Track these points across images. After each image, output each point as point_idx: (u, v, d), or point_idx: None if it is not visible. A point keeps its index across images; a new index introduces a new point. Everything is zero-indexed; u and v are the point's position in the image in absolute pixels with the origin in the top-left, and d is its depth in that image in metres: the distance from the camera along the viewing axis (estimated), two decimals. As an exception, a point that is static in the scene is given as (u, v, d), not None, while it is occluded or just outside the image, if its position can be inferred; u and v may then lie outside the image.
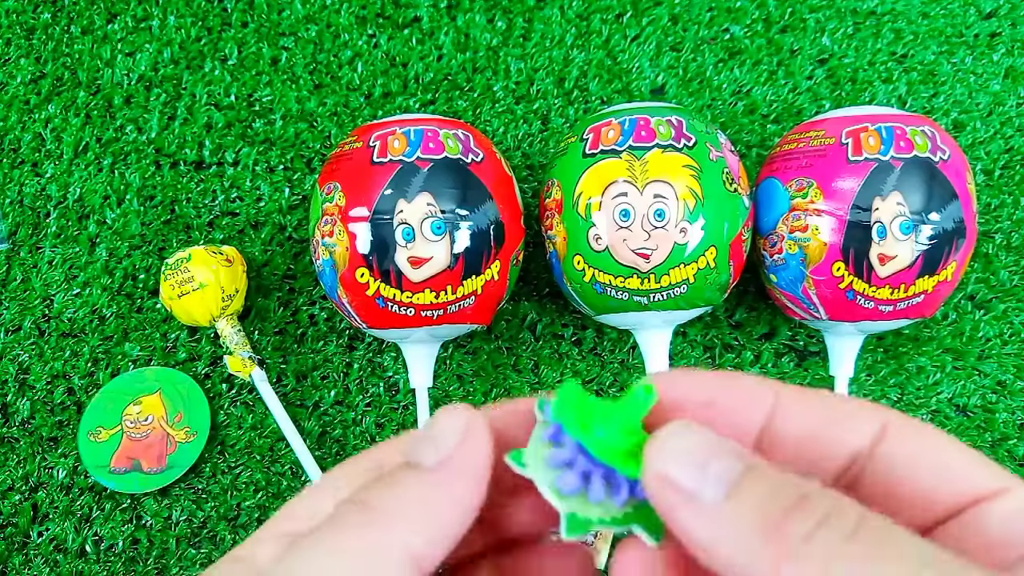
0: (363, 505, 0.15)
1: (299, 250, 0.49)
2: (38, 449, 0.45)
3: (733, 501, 0.13)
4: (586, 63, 0.52)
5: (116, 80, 0.52)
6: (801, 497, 0.13)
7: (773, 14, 0.53)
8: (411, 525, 0.14)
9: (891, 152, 0.38)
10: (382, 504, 0.15)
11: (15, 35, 0.53)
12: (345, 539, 0.14)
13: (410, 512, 0.15)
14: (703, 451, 0.14)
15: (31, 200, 0.50)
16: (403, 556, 0.14)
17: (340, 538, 0.14)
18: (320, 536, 0.14)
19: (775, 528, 0.13)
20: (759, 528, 0.13)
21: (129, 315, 0.48)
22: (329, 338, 0.48)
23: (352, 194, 0.39)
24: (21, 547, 0.44)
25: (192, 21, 0.53)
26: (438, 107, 0.52)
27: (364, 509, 0.15)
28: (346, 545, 0.14)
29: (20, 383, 0.47)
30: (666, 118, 0.39)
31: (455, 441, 0.15)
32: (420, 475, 0.15)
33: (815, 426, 0.16)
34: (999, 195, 0.50)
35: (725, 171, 0.39)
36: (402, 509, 0.15)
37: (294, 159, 0.51)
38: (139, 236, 0.49)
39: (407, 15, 0.53)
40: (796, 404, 0.16)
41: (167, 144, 0.51)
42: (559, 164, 0.41)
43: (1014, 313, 0.48)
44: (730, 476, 0.14)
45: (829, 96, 0.52)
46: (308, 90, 0.52)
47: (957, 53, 0.52)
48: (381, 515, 0.14)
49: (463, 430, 0.16)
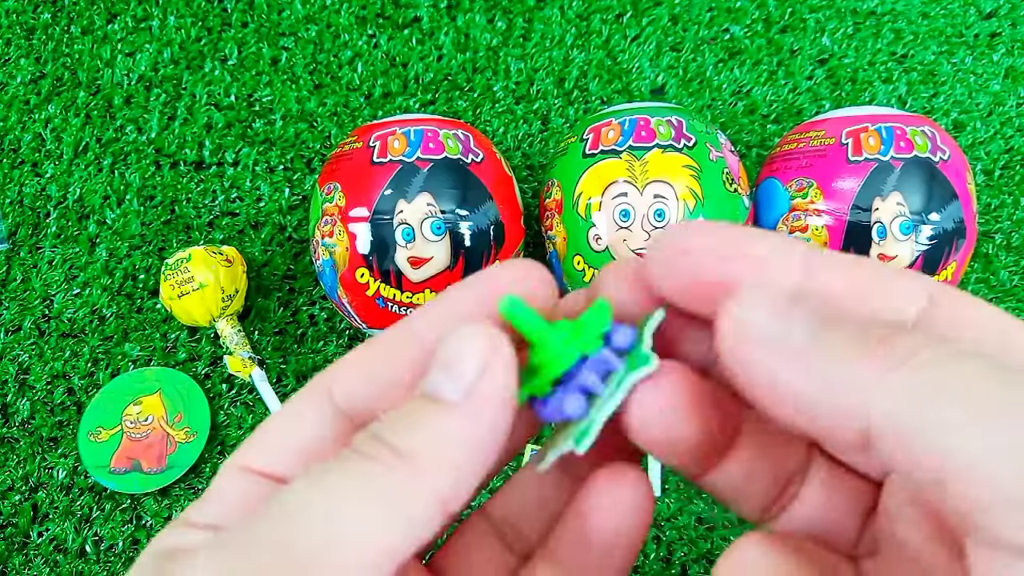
0: (387, 446, 0.13)
1: (299, 250, 0.49)
2: (38, 449, 0.45)
3: (824, 340, 0.13)
4: (586, 63, 0.52)
5: (116, 80, 0.52)
6: (894, 330, 0.12)
7: (773, 14, 0.53)
8: (440, 468, 0.13)
9: (891, 152, 0.38)
10: (409, 446, 0.13)
11: (15, 35, 0.53)
12: (370, 483, 0.13)
13: (439, 455, 0.13)
14: (785, 302, 0.13)
15: (31, 200, 0.50)
16: (432, 500, 0.13)
17: (363, 481, 0.13)
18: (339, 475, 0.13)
19: (875, 348, 0.12)
20: (857, 353, 0.12)
21: (129, 315, 0.48)
22: (329, 338, 0.48)
23: (352, 194, 0.39)
24: (21, 547, 0.44)
25: (192, 21, 0.53)
26: (438, 107, 0.52)
27: (390, 451, 0.13)
28: (371, 486, 0.13)
29: (20, 383, 0.47)
30: (666, 118, 0.39)
31: (477, 371, 0.14)
32: (445, 413, 0.14)
33: (853, 294, 0.14)
34: (999, 195, 0.50)
35: (725, 171, 0.39)
36: (430, 452, 0.13)
37: (294, 159, 0.51)
38: (139, 236, 0.49)
39: (407, 15, 0.53)
40: (830, 268, 0.14)
41: (167, 144, 0.51)
42: (559, 164, 0.41)
43: (1014, 313, 0.48)
44: (817, 320, 0.13)
45: (829, 96, 0.52)
46: (308, 90, 0.52)
47: (957, 53, 0.52)
48: (409, 458, 0.13)
49: (486, 357, 0.14)
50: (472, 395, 0.14)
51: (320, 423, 0.16)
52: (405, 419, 0.14)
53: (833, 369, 0.12)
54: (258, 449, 0.16)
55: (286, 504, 0.13)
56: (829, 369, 0.12)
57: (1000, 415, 0.11)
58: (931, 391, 0.11)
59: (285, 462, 0.16)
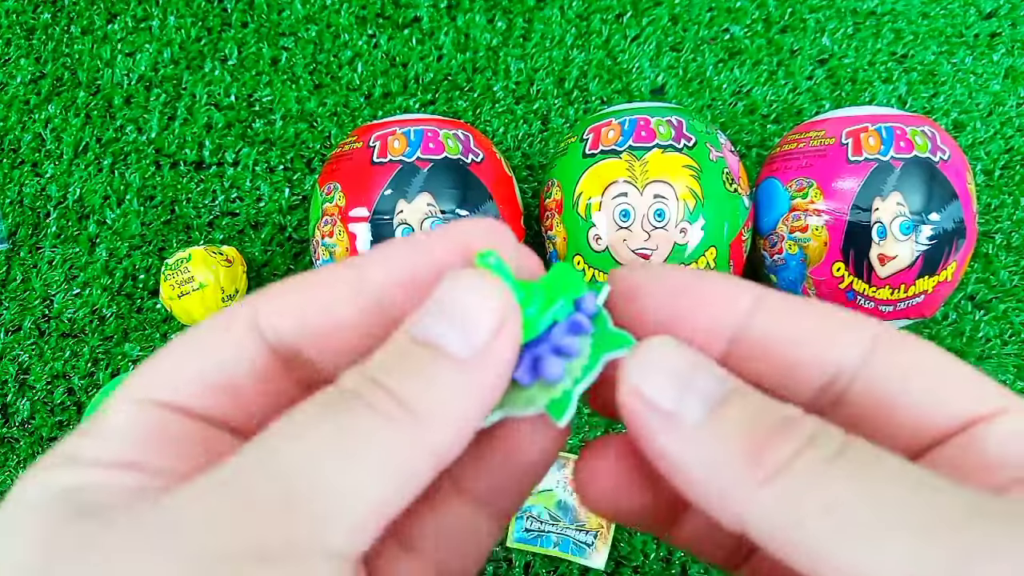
0: (388, 393, 0.13)
1: (299, 250, 0.49)
2: (38, 449, 0.45)
3: (714, 423, 0.13)
4: (586, 63, 0.52)
5: (116, 80, 0.52)
6: (785, 419, 0.13)
7: (773, 14, 0.53)
8: (442, 425, 0.13)
9: (891, 152, 0.38)
10: (413, 399, 0.13)
11: (15, 35, 0.53)
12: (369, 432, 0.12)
13: (444, 410, 0.13)
14: (685, 369, 0.13)
15: (31, 200, 0.50)
16: (430, 455, 0.13)
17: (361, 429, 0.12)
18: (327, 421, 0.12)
19: (757, 450, 0.12)
20: (740, 450, 0.12)
21: (129, 315, 0.48)
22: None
23: (352, 194, 0.39)
24: (21, 547, 0.44)
25: (192, 21, 0.53)
26: (438, 107, 0.52)
27: (392, 400, 0.13)
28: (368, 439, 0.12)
29: (20, 383, 0.47)
30: (666, 118, 0.39)
31: (492, 330, 0.13)
32: (451, 367, 0.13)
33: (797, 334, 0.14)
34: (999, 195, 0.50)
35: (725, 171, 0.39)
36: (435, 408, 0.13)
37: (294, 159, 0.51)
38: (139, 236, 0.49)
39: (407, 15, 0.53)
40: (777, 309, 0.14)
41: (167, 144, 0.51)
42: (559, 164, 0.41)
43: (1014, 313, 0.48)
44: (713, 397, 0.13)
45: (829, 96, 0.52)
46: (308, 90, 0.52)
47: (957, 53, 0.52)
48: (412, 412, 0.12)
49: (504, 315, 0.13)
50: (484, 353, 0.13)
51: (238, 353, 0.14)
52: (406, 366, 0.13)
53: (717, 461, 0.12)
54: (160, 380, 0.14)
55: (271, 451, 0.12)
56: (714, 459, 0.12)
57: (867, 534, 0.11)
58: (798, 513, 0.12)
59: (193, 394, 0.14)
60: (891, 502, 0.11)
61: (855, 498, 0.11)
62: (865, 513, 0.11)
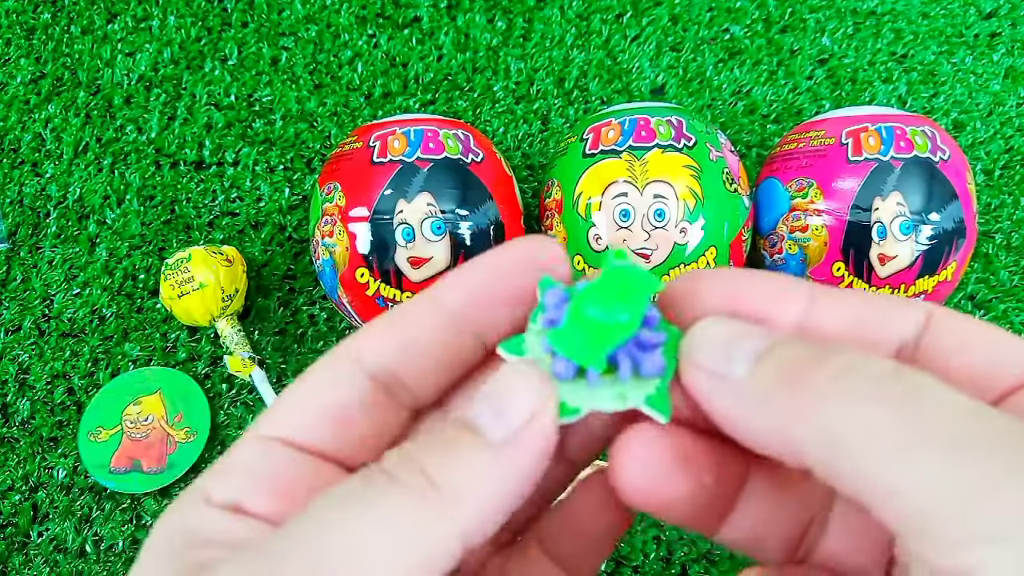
0: (422, 472, 0.13)
1: (299, 250, 0.49)
2: (38, 449, 0.45)
3: (758, 371, 0.13)
4: (586, 63, 0.52)
5: (116, 80, 0.52)
6: (825, 353, 0.13)
7: (773, 14, 0.53)
8: (471, 504, 0.13)
9: (891, 152, 0.38)
10: (444, 478, 0.13)
11: (15, 35, 0.53)
12: (398, 510, 0.13)
13: (473, 491, 0.13)
14: (732, 336, 0.14)
15: (31, 200, 0.50)
16: (456, 534, 0.13)
17: (390, 508, 0.13)
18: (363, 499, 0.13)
19: (794, 381, 0.13)
20: (779, 385, 0.13)
21: (129, 315, 0.48)
22: (329, 338, 0.48)
23: (352, 194, 0.39)
24: (21, 547, 0.44)
25: (192, 21, 0.53)
26: (438, 107, 0.52)
27: (425, 479, 0.13)
28: (398, 517, 0.13)
29: (20, 383, 0.47)
30: (666, 118, 0.39)
31: (524, 417, 0.14)
32: (485, 450, 0.14)
33: (855, 321, 0.15)
34: (999, 195, 0.50)
35: (725, 171, 0.39)
36: (465, 487, 0.13)
37: (294, 159, 0.51)
38: (139, 236, 0.49)
39: (407, 15, 0.53)
40: (833, 302, 0.15)
41: (167, 144, 0.51)
42: (559, 164, 0.41)
43: (1014, 313, 0.48)
44: (756, 352, 0.14)
45: (829, 96, 0.52)
46: (308, 90, 0.52)
47: (957, 53, 0.52)
48: (442, 490, 0.13)
49: (536, 405, 0.14)
50: (515, 440, 0.14)
51: (347, 388, 0.16)
52: (443, 447, 0.14)
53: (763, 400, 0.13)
54: (282, 418, 0.15)
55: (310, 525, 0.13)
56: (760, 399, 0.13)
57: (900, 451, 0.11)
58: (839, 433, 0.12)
59: (312, 429, 0.15)
60: (926, 421, 0.11)
61: (889, 417, 0.12)
62: (899, 431, 0.11)
